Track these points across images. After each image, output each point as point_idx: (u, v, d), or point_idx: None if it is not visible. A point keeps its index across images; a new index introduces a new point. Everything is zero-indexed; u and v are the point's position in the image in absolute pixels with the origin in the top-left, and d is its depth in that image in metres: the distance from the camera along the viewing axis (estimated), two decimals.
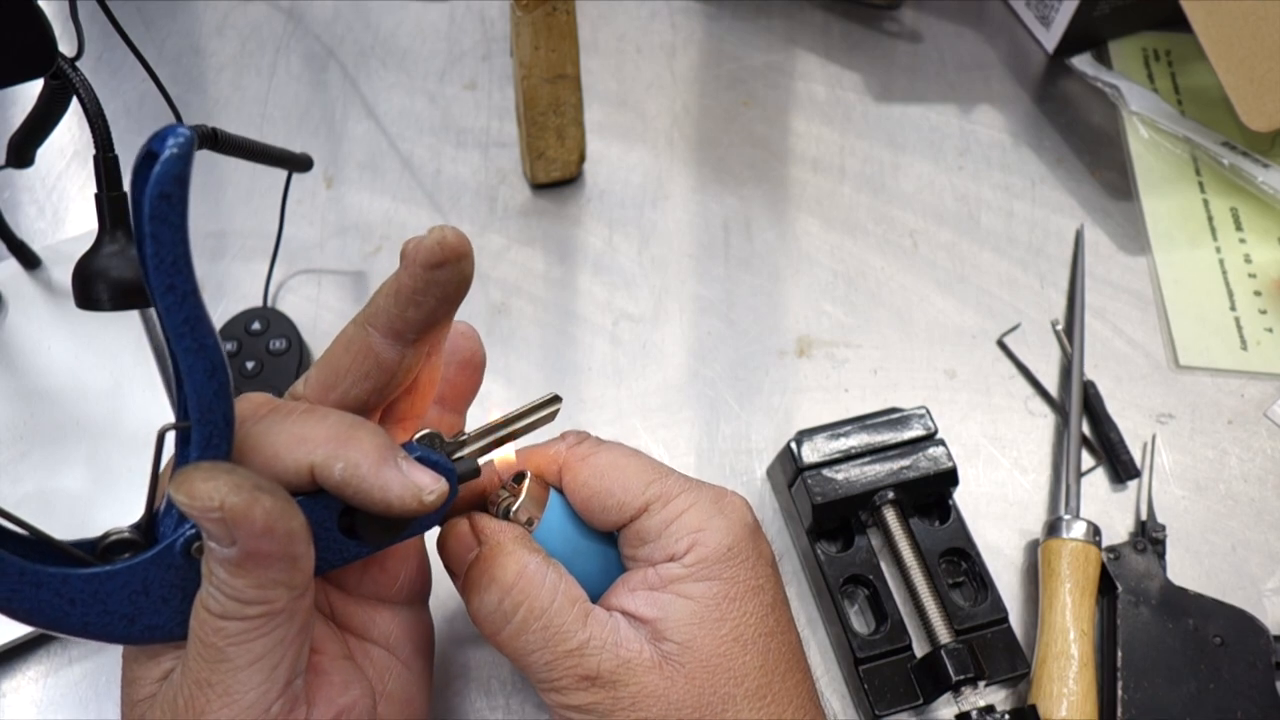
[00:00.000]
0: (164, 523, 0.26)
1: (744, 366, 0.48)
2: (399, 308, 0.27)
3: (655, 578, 0.30)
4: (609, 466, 0.31)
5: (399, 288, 0.27)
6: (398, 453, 0.26)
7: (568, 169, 0.53)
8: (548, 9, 0.44)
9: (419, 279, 0.27)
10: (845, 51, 0.61)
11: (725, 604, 0.29)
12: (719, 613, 0.29)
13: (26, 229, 0.51)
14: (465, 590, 0.30)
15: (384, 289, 0.28)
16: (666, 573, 0.30)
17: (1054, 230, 0.53)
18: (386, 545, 0.29)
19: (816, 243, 0.53)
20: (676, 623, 0.29)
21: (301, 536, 0.24)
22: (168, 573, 0.25)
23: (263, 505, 0.23)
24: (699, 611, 0.29)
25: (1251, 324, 0.50)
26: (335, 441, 0.25)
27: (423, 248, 0.26)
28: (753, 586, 0.30)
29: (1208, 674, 0.38)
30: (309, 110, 0.57)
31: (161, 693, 0.26)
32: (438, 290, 0.27)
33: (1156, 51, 0.61)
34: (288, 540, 0.23)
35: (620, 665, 0.28)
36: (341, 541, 0.27)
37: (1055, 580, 0.40)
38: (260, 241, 0.51)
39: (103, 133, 0.35)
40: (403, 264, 0.27)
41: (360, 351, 0.28)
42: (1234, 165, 0.54)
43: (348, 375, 0.28)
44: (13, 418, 0.43)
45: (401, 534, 0.28)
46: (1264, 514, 0.44)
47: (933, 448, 0.40)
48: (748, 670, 0.29)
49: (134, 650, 0.27)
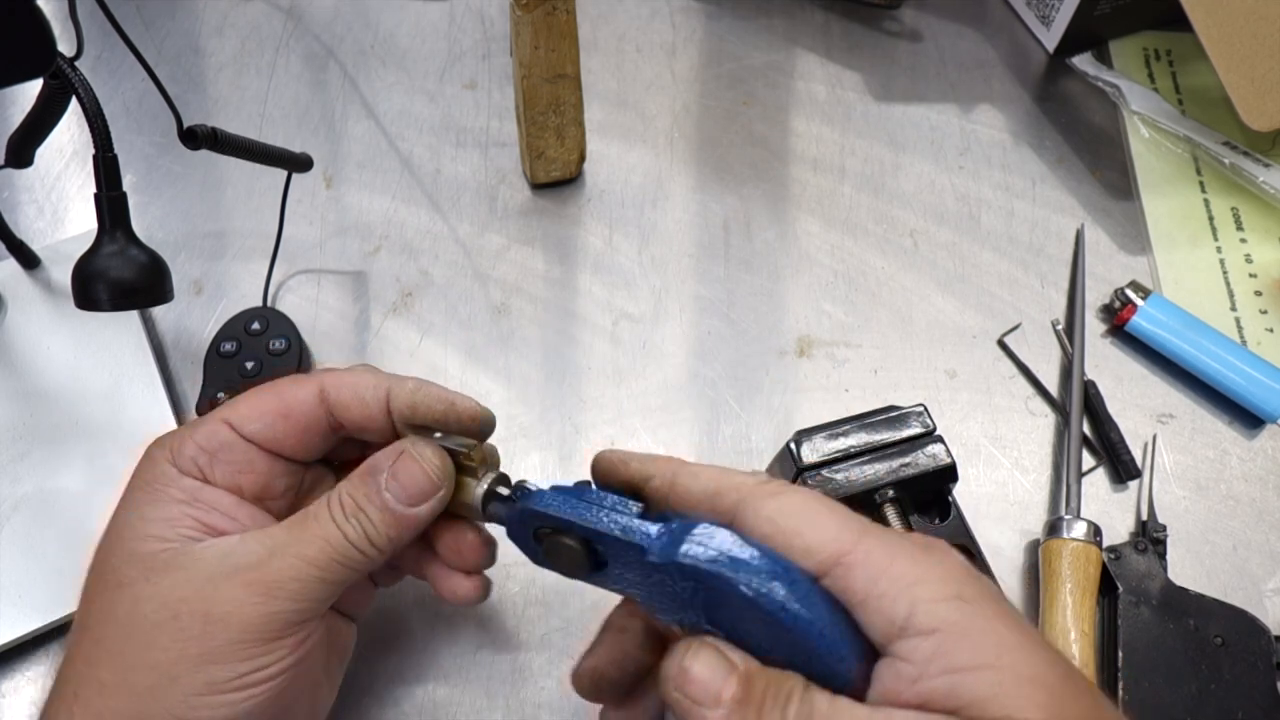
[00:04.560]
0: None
1: (744, 366, 0.48)
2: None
3: (909, 670, 0.23)
4: (798, 507, 0.26)
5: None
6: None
7: (568, 169, 0.53)
8: (548, 9, 0.44)
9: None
10: (845, 51, 0.61)
11: (1007, 654, 0.23)
12: (1013, 669, 0.23)
13: (26, 229, 0.51)
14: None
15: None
16: (913, 656, 0.23)
17: (1054, 230, 0.53)
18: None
19: (817, 242, 0.53)
20: (982, 699, 0.23)
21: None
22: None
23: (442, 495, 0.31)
24: (999, 679, 0.23)
25: (1252, 324, 0.50)
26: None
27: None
28: (1015, 626, 0.24)
29: (1209, 674, 0.38)
30: (309, 110, 0.57)
31: (236, 545, 0.29)
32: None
33: (1157, 51, 0.61)
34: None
35: None
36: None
37: (1056, 580, 0.40)
38: (260, 241, 0.51)
39: (102, 133, 0.35)
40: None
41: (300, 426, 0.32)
42: (1235, 165, 0.54)
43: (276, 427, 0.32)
44: (12, 418, 0.43)
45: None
46: (1265, 514, 0.44)
47: (931, 445, 0.40)
48: (1082, 708, 0.23)
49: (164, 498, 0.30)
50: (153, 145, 0.55)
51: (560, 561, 0.29)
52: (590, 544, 0.28)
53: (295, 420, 0.32)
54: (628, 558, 0.27)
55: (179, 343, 0.48)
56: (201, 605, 0.28)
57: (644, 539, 0.27)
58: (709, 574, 0.25)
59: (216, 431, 0.31)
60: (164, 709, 0.27)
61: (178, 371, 0.47)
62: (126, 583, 0.28)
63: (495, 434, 0.45)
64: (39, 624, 0.38)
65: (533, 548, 0.30)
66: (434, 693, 0.39)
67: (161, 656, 0.27)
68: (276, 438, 0.32)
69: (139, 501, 0.30)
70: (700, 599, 0.26)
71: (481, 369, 0.48)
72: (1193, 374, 0.48)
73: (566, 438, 0.46)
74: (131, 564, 0.29)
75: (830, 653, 0.24)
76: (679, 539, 0.26)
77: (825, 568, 0.25)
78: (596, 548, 0.28)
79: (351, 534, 0.29)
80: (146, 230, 0.51)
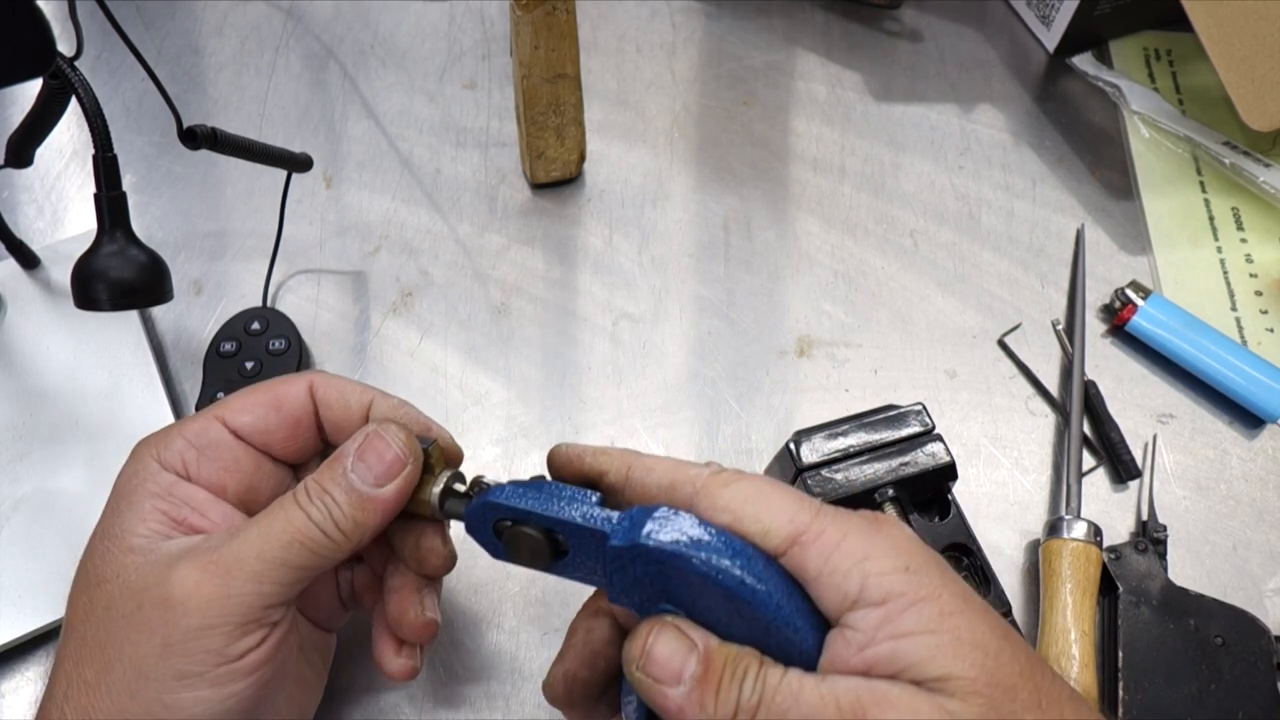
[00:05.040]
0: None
1: (744, 366, 0.48)
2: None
3: (858, 638, 0.25)
4: (753, 493, 0.27)
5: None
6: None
7: (568, 169, 0.53)
8: (547, 8, 0.44)
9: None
10: (845, 51, 0.61)
11: (948, 619, 0.25)
12: (953, 632, 0.24)
13: (25, 229, 0.51)
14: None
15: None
16: (861, 624, 0.25)
17: (1055, 230, 0.53)
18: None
19: (817, 242, 0.53)
20: (921, 660, 0.24)
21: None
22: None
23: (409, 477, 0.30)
24: (938, 641, 0.24)
25: (1252, 324, 0.50)
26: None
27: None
28: (958, 594, 0.26)
29: (1209, 674, 0.38)
30: (308, 110, 0.57)
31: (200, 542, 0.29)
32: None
33: (1157, 51, 0.61)
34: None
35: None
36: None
37: (1056, 580, 0.40)
38: (260, 241, 0.51)
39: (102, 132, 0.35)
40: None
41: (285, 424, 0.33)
42: (1235, 165, 0.54)
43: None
44: (12, 418, 0.43)
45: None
46: (1265, 514, 0.44)
47: (931, 443, 0.40)
48: (1015, 682, 0.24)
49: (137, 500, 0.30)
50: (153, 145, 0.55)
51: (522, 553, 0.29)
52: (551, 533, 0.29)
53: (286, 413, 0.32)
54: (589, 545, 0.28)
55: (179, 343, 0.48)
56: (160, 592, 0.27)
57: (605, 524, 0.28)
58: (671, 554, 0.26)
59: (207, 428, 0.31)
60: (141, 707, 0.27)
61: (177, 371, 0.47)
62: (103, 580, 0.28)
63: (495, 434, 0.45)
64: (39, 624, 0.38)
65: (492, 542, 0.30)
66: (434, 692, 0.39)
67: (131, 651, 0.27)
68: (268, 429, 0.32)
69: (117, 501, 0.30)
70: (660, 582, 0.27)
71: (481, 369, 0.48)
72: (1193, 374, 0.48)
73: (566, 438, 0.46)
74: (106, 562, 0.29)
75: (787, 625, 0.25)
76: (640, 522, 0.27)
77: (782, 548, 0.26)
78: (557, 537, 0.29)
79: (316, 515, 0.29)
80: (146, 230, 0.51)
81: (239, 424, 0.32)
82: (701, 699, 0.25)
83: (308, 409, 0.33)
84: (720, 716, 0.25)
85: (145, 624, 0.27)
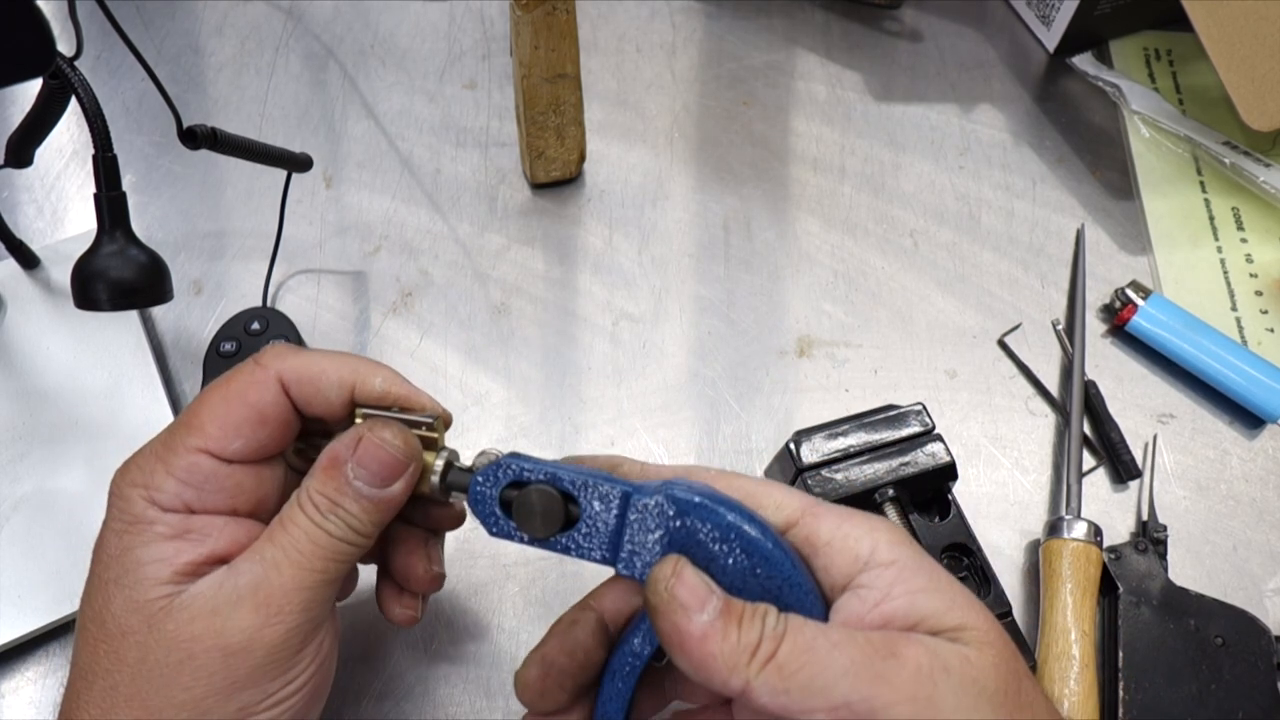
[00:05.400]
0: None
1: (744, 366, 0.48)
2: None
3: (873, 595, 0.27)
4: (760, 483, 0.30)
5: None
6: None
7: (567, 168, 0.53)
8: (548, 8, 0.44)
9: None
10: (845, 51, 0.61)
11: (953, 582, 0.27)
12: (962, 592, 0.27)
13: (25, 229, 0.51)
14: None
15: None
16: (875, 583, 0.27)
17: (1055, 230, 0.53)
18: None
19: (817, 242, 0.53)
20: (938, 611, 0.26)
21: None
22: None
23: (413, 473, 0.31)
24: (952, 595, 0.27)
25: (1252, 324, 0.50)
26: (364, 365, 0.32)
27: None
28: (946, 578, 0.28)
29: (1209, 674, 0.38)
30: (308, 110, 0.57)
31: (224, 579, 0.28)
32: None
33: (1157, 51, 0.61)
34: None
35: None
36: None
37: (1056, 580, 0.40)
38: (260, 241, 0.51)
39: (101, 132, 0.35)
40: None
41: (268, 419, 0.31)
42: (1235, 165, 0.54)
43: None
44: (12, 418, 0.43)
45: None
46: (1265, 514, 0.44)
47: (931, 443, 0.40)
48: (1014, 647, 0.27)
49: (153, 537, 0.29)
50: (152, 145, 0.55)
51: (533, 517, 0.29)
52: (566, 496, 0.29)
53: (272, 425, 0.31)
54: (603, 512, 0.28)
55: (179, 343, 0.48)
56: (215, 641, 0.27)
57: (630, 485, 0.29)
58: (699, 505, 0.27)
59: (197, 465, 0.29)
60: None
61: (177, 371, 0.47)
62: (130, 631, 0.28)
63: (495, 434, 0.45)
64: (39, 624, 0.38)
65: (494, 513, 0.30)
66: (434, 692, 0.39)
67: (185, 696, 0.27)
68: (261, 446, 0.31)
69: (127, 545, 0.29)
70: (677, 545, 0.28)
71: (481, 369, 0.48)
72: (1193, 374, 0.48)
73: (566, 438, 0.46)
74: (131, 613, 0.28)
75: (799, 585, 0.27)
76: (664, 486, 0.28)
77: (794, 517, 0.28)
78: (571, 502, 0.29)
79: (335, 530, 0.29)
80: (146, 230, 0.51)
81: (230, 452, 0.30)
82: (725, 627, 0.25)
83: (288, 409, 0.31)
84: (745, 642, 0.25)
85: (201, 671, 0.27)
